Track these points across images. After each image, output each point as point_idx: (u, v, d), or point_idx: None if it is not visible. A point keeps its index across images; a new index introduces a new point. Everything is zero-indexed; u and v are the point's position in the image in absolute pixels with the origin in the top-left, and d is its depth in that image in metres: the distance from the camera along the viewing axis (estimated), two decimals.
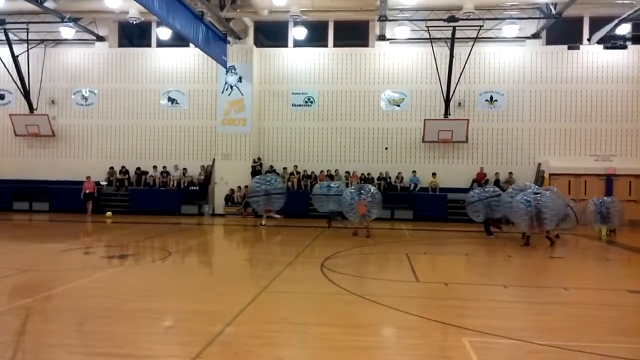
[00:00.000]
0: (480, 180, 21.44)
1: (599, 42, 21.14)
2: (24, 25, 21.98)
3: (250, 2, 19.26)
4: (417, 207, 21.01)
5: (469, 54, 20.90)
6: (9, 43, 22.12)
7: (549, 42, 21.91)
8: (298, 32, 21.55)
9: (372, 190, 15.01)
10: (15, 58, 22.32)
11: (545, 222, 13.39)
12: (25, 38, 22.45)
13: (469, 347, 5.62)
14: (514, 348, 5.73)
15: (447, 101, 21.39)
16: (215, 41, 19.47)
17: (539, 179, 21.19)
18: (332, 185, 16.75)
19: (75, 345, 5.77)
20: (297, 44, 22.84)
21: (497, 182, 21.34)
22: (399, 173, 21.80)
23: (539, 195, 13.50)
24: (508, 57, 22.00)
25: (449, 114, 21.57)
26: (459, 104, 21.89)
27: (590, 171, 20.91)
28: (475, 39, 20.74)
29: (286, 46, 23.13)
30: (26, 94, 22.80)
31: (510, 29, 20.47)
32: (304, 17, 20.30)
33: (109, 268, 10.57)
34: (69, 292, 8.15)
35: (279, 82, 22.94)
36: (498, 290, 8.79)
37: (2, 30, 21.74)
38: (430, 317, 6.77)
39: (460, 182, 21.41)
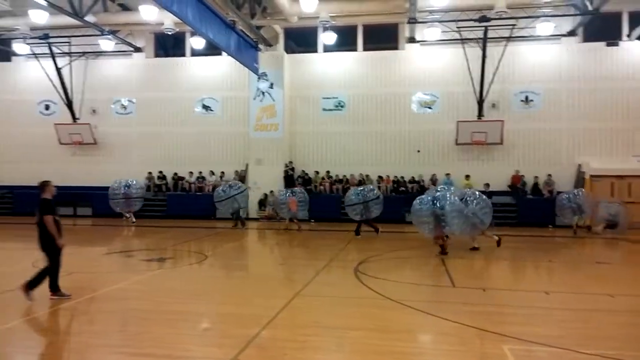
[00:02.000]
0: (516, 183, 21.02)
1: (639, 38, 20.49)
2: (67, 39, 22.84)
3: (280, 10, 19.46)
4: None
5: (502, 54, 20.54)
6: (53, 56, 23.01)
7: (587, 39, 21.33)
8: (327, 37, 21.67)
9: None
10: (58, 70, 23.19)
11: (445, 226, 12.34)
12: (68, 51, 23.32)
13: (510, 355, 5.51)
14: (557, 357, 5.57)
15: (481, 102, 21.08)
16: (247, 49, 19.79)
17: (580, 181, 20.62)
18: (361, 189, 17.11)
19: (117, 346, 6.00)
20: (327, 49, 22.96)
21: (535, 185, 20.91)
22: (433, 175, 21.56)
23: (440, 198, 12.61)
24: (543, 55, 21.52)
25: (483, 115, 21.25)
26: (493, 105, 21.53)
27: (635, 172, 20.12)
28: (509, 38, 20.39)
29: (316, 51, 23.28)
30: (69, 104, 23.64)
31: (544, 27, 20.02)
32: (333, 22, 20.38)
33: (148, 271, 10.88)
34: (111, 294, 8.44)
35: (309, 88, 23.09)
36: (539, 296, 8.58)
37: (47, 45, 22.65)
38: (469, 324, 6.66)
39: (496, 185, 21.01)
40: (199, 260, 12.10)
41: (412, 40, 21.88)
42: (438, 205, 12.40)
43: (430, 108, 22.31)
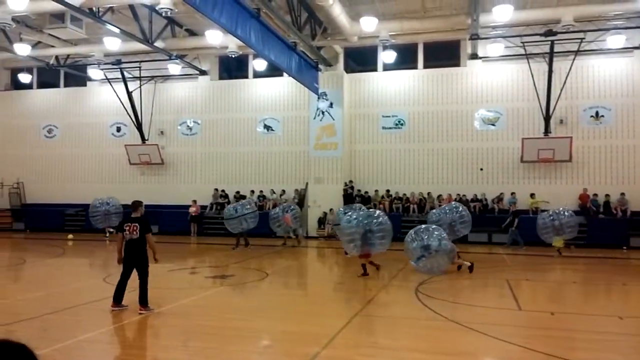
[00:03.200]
0: (584, 201, 20.01)
1: None
2: (137, 64, 24.19)
3: (341, 30, 19.71)
4: (517, 230, 19.91)
5: (570, 69, 19.75)
6: (125, 81, 24.42)
7: None
8: (387, 56, 21.69)
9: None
10: (129, 94, 24.55)
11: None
12: (138, 75, 24.69)
13: None
14: None
15: (547, 119, 20.29)
16: (307, 69, 20.14)
17: None
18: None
19: None
20: (387, 67, 22.96)
21: (607, 204, 19.82)
22: (501, 194, 20.88)
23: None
24: (614, 69, 20.51)
25: (550, 132, 20.44)
26: (561, 121, 20.70)
27: None
28: (577, 52, 19.61)
29: (376, 70, 23.34)
30: (139, 126, 24.94)
31: (615, 40, 19.12)
32: (393, 40, 20.38)
33: (212, 288, 11.16)
34: (176, 309, 8.72)
35: (369, 106, 23.14)
36: (612, 321, 8.10)
37: (119, 69, 24.07)
38: (536, 348, 6.37)
39: (565, 204, 20.06)
40: (260, 278, 12.27)
41: (474, 56, 21.49)
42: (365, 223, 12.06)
43: (493, 125, 21.74)
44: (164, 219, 23.42)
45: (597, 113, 20.56)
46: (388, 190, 22.01)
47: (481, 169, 21.58)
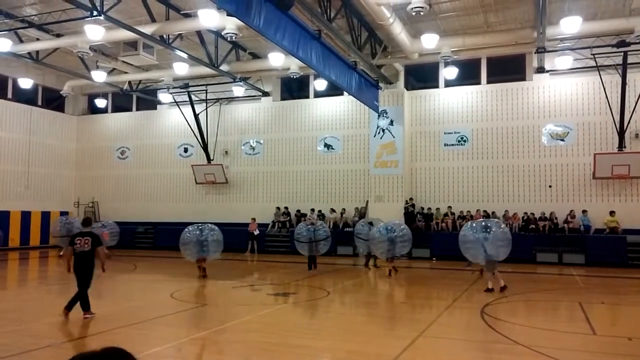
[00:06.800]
0: None
1: None
2: (203, 87, 25.24)
3: (401, 48, 19.66)
4: (590, 250, 18.90)
5: None
6: (192, 103, 25.50)
7: None
8: (449, 72, 21.39)
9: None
10: (196, 116, 25.60)
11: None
12: (204, 98, 25.71)
13: None
14: None
15: (622, 133, 19.23)
16: (368, 88, 20.22)
17: None
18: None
19: None
20: (448, 83, 22.65)
21: None
22: (571, 211, 19.92)
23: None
24: None
25: (624, 147, 19.33)
26: (637, 136, 19.54)
27: None
28: None
29: (437, 87, 23.07)
30: (205, 146, 25.89)
31: None
32: (455, 56, 20.09)
33: (274, 305, 11.29)
34: (240, 326, 8.88)
35: (430, 123, 22.86)
36: None
37: (187, 93, 25.20)
38: None
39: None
40: (321, 296, 12.29)
41: (540, 70, 20.78)
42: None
43: (562, 140, 20.84)
44: (226, 237, 23.96)
45: None
46: (450, 207, 21.50)
47: (550, 186, 20.67)
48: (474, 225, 12.70)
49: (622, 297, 12.80)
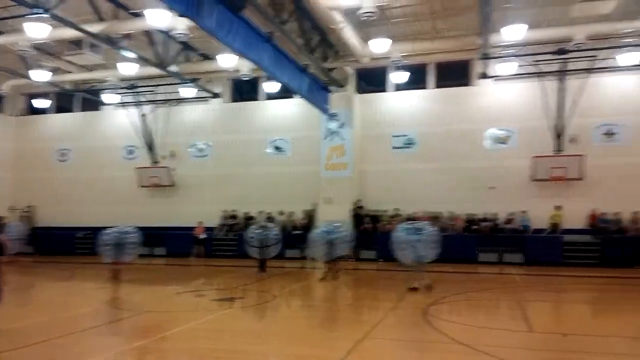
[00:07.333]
0: (594, 220, 19.75)
1: None
2: (151, 88, 24.56)
3: (352, 52, 19.85)
4: (528, 250, 19.67)
5: (582, 87, 19.70)
6: (139, 104, 24.77)
7: None
8: (399, 77, 21.75)
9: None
10: (143, 117, 24.90)
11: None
12: (152, 99, 25.02)
13: None
14: None
15: (559, 137, 20.17)
16: (318, 91, 20.29)
17: None
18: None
19: None
20: (398, 87, 23.01)
21: (618, 222, 19.53)
22: (512, 213, 20.67)
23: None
24: (627, 87, 20.31)
25: (562, 150, 20.27)
26: (573, 140, 20.50)
27: None
28: (589, 70, 19.53)
29: (386, 90, 23.41)
30: (150, 148, 25.20)
31: (627, 58, 18.97)
32: (405, 61, 20.48)
33: (219, 310, 11.09)
34: (183, 333, 8.65)
35: (379, 126, 23.14)
36: (627, 343, 7.89)
37: (133, 94, 24.46)
38: None
39: (578, 223, 19.84)
40: (268, 300, 12.19)
41: (484, 76, 21.46)
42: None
43: (504, 143, 21.60)
44: (171, 241, 23.50)
45: (610, 131, 20.33)
46: (397, 209, 21.81)
47: (492, 188, 21.34)
48: (407, 226, 13.31)
49: (558, 295, 13.38)
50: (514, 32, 17.21)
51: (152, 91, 24.61)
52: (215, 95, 25.27)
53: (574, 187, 20.34)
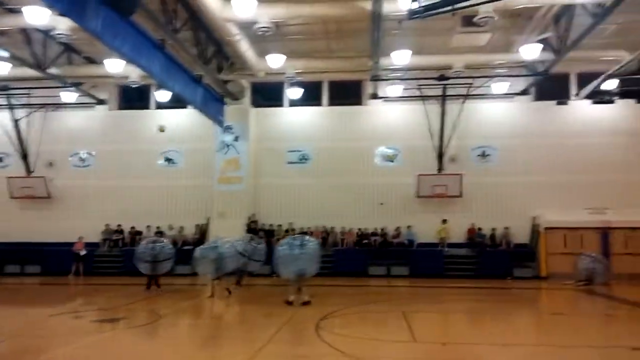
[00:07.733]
0: (472, 234, 21.44)
1: (587, 97, 21.67)
2: (27, 91, 22.48)
3: (248, 65, 19.78)
4: (413, 263, 20.80)
5: (460, 111, 21.40)
6: (11, 108, 22.55)
7: (538, 97, 22.40)
8: (293, 92, 22.07)
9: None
10: (16, 122, 22.70)
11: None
12: (27, 103, 22.91)
13: None
14: None
15: (440, 156, 21.70)
16: (213, 102, 19.90)
17: (535, 233, 21.13)
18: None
19: None
20: (293, 103, 23.33)
21: (492, 237, 21.36)
22: (398, 227, 21.71)
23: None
24: (499, 113, 22.43)
25: (443, 169, 21.80)
26: (452, 159, 22.12)
27: (586, 224, 20.73)
28: (466, 96, 21.27)
29: (282, 105, 23.64)
30: (24, 156, 23.03)
31: (499, 86, 20.99)
32: (300, 78, 20.83)
33: (100, 332, 10.32)
34: (56, 359, 7.92)
35: (274, 140, 23.24)
36: (498, 350, 8.57)
37: (5, 96, 22.24)
38: None
39: (457, 237, 21.40)
40: (153, 320, 11.57)
41: (374, 96, 22.52)
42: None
43: (392, 161, 22.73)
44: (47, 258, 21.59)
45: (483, 152, 22.26)
46: (291, 224, 21.98)
47: (381, 204, 22.31)
48: (290, 241, 13.68)
49: (439, 306, 14.22)
50: (400, 57, 18.30)
51: (27, 94, 22.57)
52: (101, 102, 23.83)
53: (454, 204, 21.90)
